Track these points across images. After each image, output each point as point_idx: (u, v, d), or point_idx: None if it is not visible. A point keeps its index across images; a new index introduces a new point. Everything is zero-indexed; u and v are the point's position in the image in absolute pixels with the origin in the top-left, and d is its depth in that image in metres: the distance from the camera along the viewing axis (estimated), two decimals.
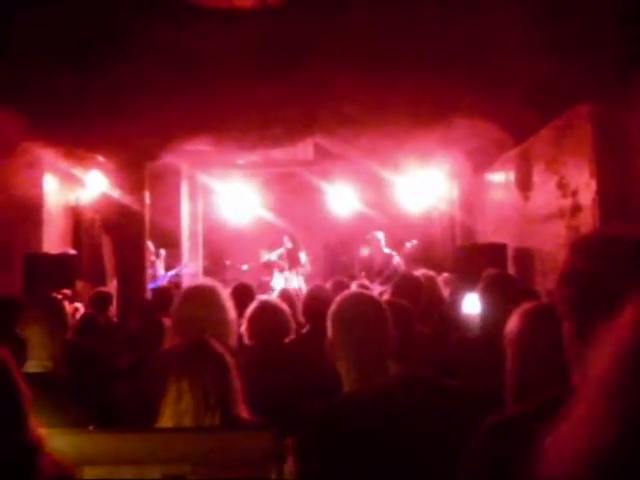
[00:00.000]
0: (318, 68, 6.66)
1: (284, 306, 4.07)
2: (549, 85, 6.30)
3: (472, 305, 4.80)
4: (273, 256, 12.03)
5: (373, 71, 6.69)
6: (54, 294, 4.18)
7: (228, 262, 12.90)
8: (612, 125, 6.11)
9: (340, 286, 5.31)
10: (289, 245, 12.06)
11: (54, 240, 9.07)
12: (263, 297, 4.52)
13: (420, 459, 2.11)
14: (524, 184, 8.26)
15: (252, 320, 3.83)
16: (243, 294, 5.22)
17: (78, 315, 6.41)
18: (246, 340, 3.81)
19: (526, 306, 2.17)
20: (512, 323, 2.13)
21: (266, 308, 3.88)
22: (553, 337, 1.82)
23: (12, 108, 7.05)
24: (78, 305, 6.99)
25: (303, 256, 12.09)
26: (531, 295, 3.63)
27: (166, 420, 2.50)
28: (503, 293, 3.71)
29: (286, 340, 3.87)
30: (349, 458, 2.09)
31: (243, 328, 3.85)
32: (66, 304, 3.82)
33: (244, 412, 2.60)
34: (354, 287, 5.65)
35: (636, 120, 5.78)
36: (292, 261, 11.96)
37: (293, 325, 4.02)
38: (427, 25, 6.06)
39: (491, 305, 3.74)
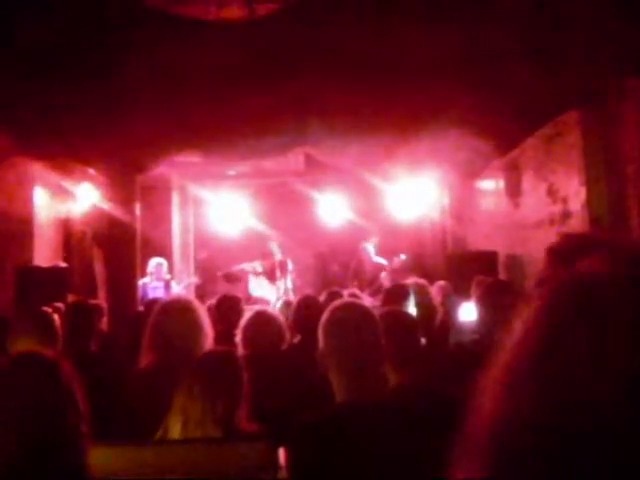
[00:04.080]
0: (307, 78, 6.67)
1: (278, 316, 4.07)
2: (538, 94, 6.34)
3: (468, 312, 4.82)
4: (258, 267, 12.00)
5: (362, 81, 6.72)
6: (45, 307, 4.15)
7: (219, 273, 12.85)
8: (601, 132, 6.15)
9: (334, 297, 5.29)
10: (279, 255, 12.05)
11: (45, 253, 9.04)
12: (258, 307, 4.52)
13: (416, 471, 2.10)
14: (514, 191, 8.30)
15: (247, 330, 3.83)
16: (228, 306, 5.19)
17: None
18: (240, 350, 3.81)
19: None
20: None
21: (261, 318, 3.88)
22: None
23: (1, 122, 7.03)
24: None
25: (290, 264, 12.09)
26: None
27: (174, 418, 2.51)
28: (499, 300, 3.72)
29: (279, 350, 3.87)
30: (342, 469, 2.08)
31: (238, 338, 3.85)
32: (56, 317, 3.80)
33: (249, 426, 2.61)
34: (346, 297, 5.64)
35: (624, 127, 5.82)
36: (282, 271, 11.94)
37: (287, 335, 4.02)
38: (416, 36, 6.09)
39: (487, 312, 3.76)
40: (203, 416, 2.48)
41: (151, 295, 9.37)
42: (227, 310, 5.04)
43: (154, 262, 9.92)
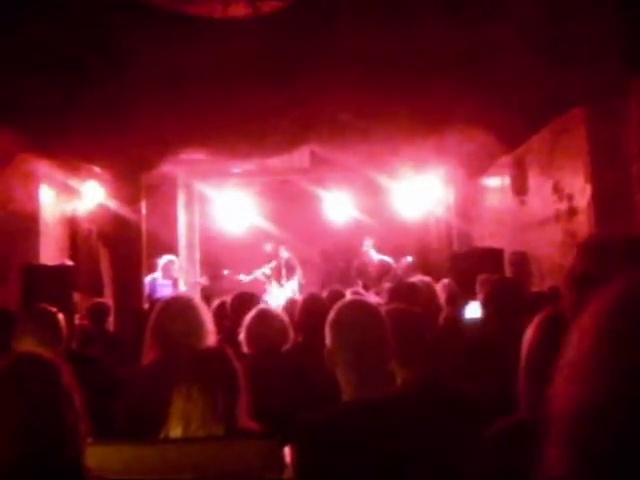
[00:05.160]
0: (313, 76, 6.66)
1: (283, 315, 4.06)
2: (544, 91, 6.32)
3: (473, 310, 4.81)
4: (267, 270, 12.02)
5: (368, 79, 6.70)
6: (49, 306, 4.15)
7: (226, 272, 12.86)
8: (606, 129, 6.13)
9: (336, 295, 5.28)
10: (285, 255, 12.06)
11: (51, 251, 9.06)
12: (262, 305, 4.51)
13: (424, 468, 2.10)
14: (520, 189, 8.28)
15: (250, 328, 3.82)
16: (244, 302, 5.19)
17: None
18: (244, 348, 3.80)
19: (544, 312, 2.12)
20: (530, 330, 2.08)
21: (264, 317, 3.88)
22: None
23: (7, 121, 7.05)
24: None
25: (296, 263, 12.11)
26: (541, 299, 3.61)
27: (174, 422, 2.51)
28: (505, 298, 3.71)
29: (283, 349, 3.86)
30: (349, 468, 2.08)
31: (242, 336, 3.85)
32: (61, 316, 3.80)
33: (250, 423, 2.61)
34: (348, 296, 5.63)
35: (630, 124, 5.80)
36: (289, 271, 11.97)
37: (291, 334, 4.01)
38: (422, 34, 6.07)
39: (493, 310, 3.75)
40: (204, 415, 2.48)
41: (159, 292, 9.40)
42: (238, 307, 5.05)
43: (166, 259, 9.96)
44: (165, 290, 9.56)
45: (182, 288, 10.02)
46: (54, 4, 5.89)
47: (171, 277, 9.96)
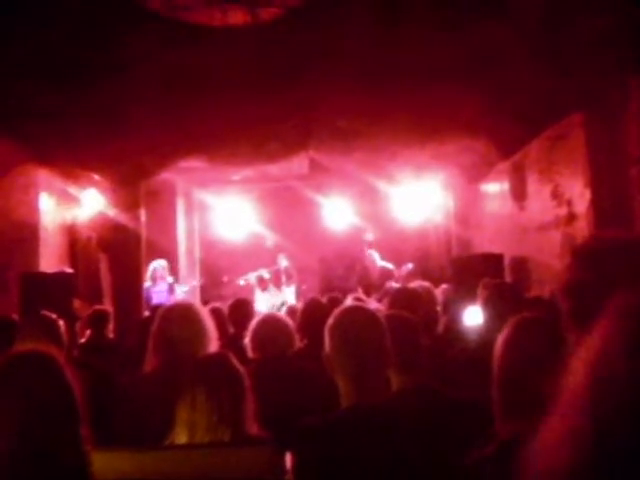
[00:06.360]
0: (312, 83, 6.68)
1: (288, 320, 4.07)
2: (542, 96, 6.33)
3: (473, 316, 4.81)
4: (265, 274, 11.99)
5: (367, 86, 6.72)
6: (49, 313, 4.15)
7: (225, 278, 12.86)
8: (605, 134, 6.13)
9: (334, 302, 5.29)
10: (284, 263, 12.06)
11: (51, 259, 9.05)
12: (267, 311, 4.54)
13: (421, 472, 2.10)
14: (519, 194, 8.28)
15: (256, 334, 3.83)
16: (241, 310, 5.23)
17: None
18: (249, 353, 3.81)
19: (513, 319, 2.09)
20: (501, 336, 2.06)
21: (270, 322, 3.89)
22: (536, 350, 1.80)
23: (7, 130, 7.06)
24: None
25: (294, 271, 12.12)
26: (535, 305, 3.62)
27: (180, 430, 2.50)
28: (505, 303, 3.71)
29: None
30: (348, 473, 2.08)
31: (246, 341, 3.86)
32: (61, 323, 3.81)
33: (255, 429, 2.60)
34: (349, 301, 5.64)
35: (628, 128, 5.81)
36: (287, 278, 11.96)
37: (296, 339, 4.03)
38: (419, 40, 6.09)
39: (493, 316, 3.75)
40: (209, 422, 2.48)
41: (155, 299, 9.36)
42: (237, 313, 5.08)
43: (152, 266, 9.83)
44: (160, 296, 9.52)
45: (178, 292, 9.99)
46: (52, 11, 5.91)
47: (163, 281, 9.89)
